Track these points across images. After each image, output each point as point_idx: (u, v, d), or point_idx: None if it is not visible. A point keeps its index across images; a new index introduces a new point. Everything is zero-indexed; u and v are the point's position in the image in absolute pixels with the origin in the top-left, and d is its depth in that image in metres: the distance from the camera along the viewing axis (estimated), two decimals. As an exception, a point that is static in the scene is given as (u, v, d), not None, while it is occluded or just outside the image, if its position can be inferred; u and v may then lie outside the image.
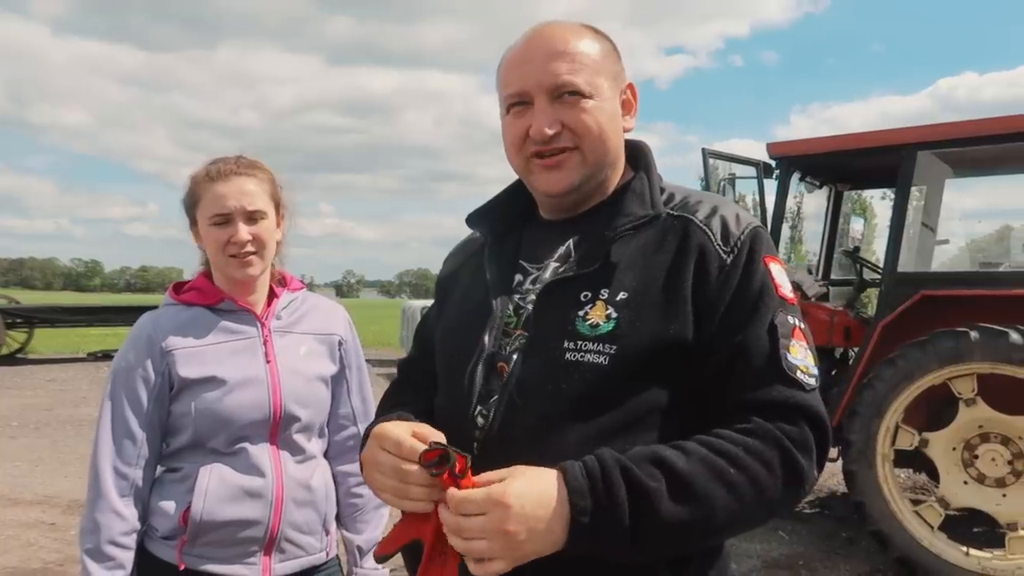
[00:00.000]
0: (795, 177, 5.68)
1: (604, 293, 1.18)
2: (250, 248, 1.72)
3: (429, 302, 1.63)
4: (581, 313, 1.18)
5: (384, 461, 1.14)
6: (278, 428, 1.74)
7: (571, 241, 1.29)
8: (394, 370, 1.60)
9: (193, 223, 1.80)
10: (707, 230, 1.20)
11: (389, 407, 1.38)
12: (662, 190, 1.28)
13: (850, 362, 5.32)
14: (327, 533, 1.85)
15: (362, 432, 1.92)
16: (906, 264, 5.04)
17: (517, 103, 1.25)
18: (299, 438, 1.78)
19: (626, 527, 1.03)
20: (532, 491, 1.03)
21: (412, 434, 1.14)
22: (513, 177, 1.37)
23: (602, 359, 1.14)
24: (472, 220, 1.40)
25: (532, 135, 1.23)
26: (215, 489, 1.67)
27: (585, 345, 1.15)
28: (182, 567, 1.67)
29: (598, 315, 1.17)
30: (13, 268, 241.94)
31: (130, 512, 1.68)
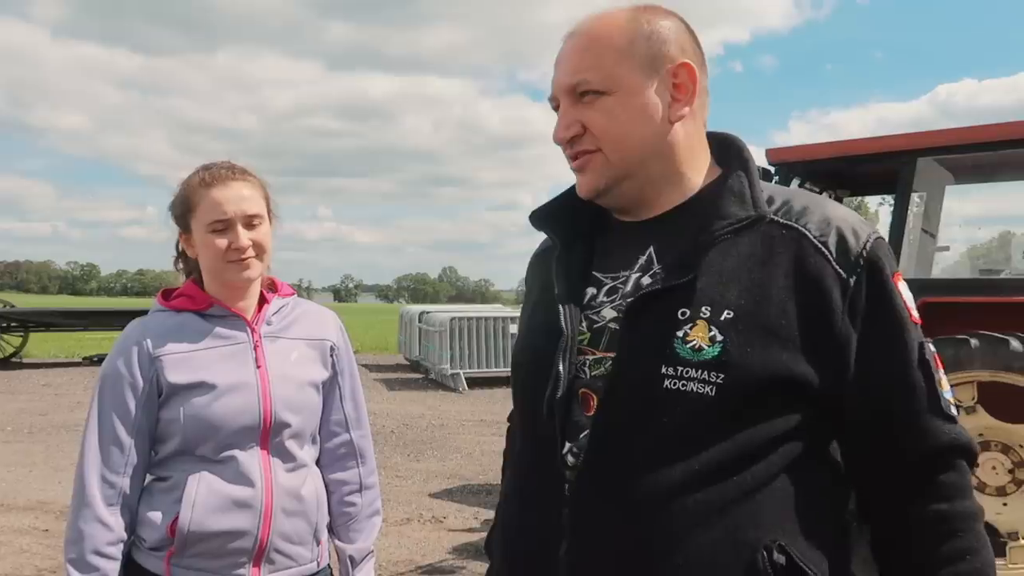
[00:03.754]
0: (794, 183, 5.67)
1: (705, 311, 1.05)
2: (251, 253, 1.70)
3: (427, 307, 1.61)
4: (680, 333, 1.05)
5: None
6: (269, 435, 1.71)
7: (652, 248, 1.16)
8: (392, 375, 1.57)
9: (185, 230, 1.77)
10: (823, 247, 1.08)
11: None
12: (760, 190, 1.14)
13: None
14: (318, 543, 1.81)
15: (354, 439, 1.90)
16: (906, 271, 5.02)
17: (555, 107, 1.20)
18: (290, 445, 1.75)
19: None
20: None
21: None
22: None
23: (708, 388, 1.02)
24: (537, 219, 1.27)
25: (554, 140, 1.19)
26: (203, 499, 1.64)
27: (687, 372, 1.03)
28: None
29: (700, 336, 1.04)
30: (8, 271, 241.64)
31: (116, 521, 1.65)
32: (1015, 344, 4.19)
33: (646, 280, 1.14)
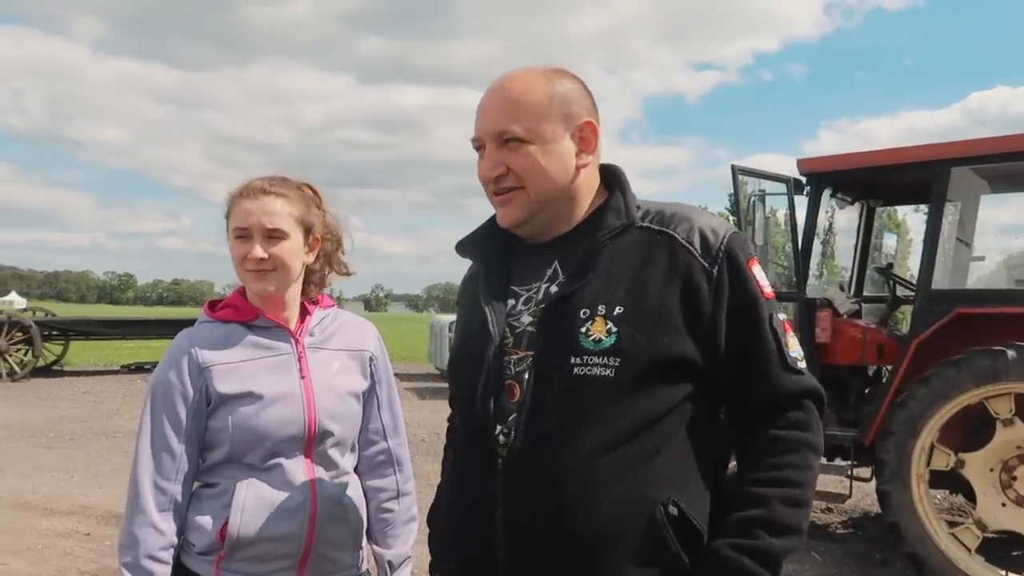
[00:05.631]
0: (826, 193, 5.63)
1: (602, 309, 1.28)
2: (267, 266, 1.74)
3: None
4: (583, 329, 1.27)
5: None
6: (313, 443, 1.75)
7: (557, 262, 1.39)
8: (423, 384, 1.67)
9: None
10: (689, 245, 1.31)
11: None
12: (638, 207, 1.39)
13: (883, 380, 5.24)
14: (359, 548, 1.86)
15: (392, 447, 1.94)
16: (940, 281, 4.97)
17: (477, 147, 1.40)
18: (333, 453, 1.79)
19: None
20: None
21: None
22: None
23: (608, 372, 1.25)
24: (462, 248, 1.51)
25: (479, 177, 1.40)
26: (252, 505, 1.69)
27: (591, 359, 1.26)
28: None
29: (599, 330, 1.27)
30: (49, 281, 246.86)
31: (168, 527, 1.70)
32: (1054, 355, 4.13)
33: (554, 288, 1.36)
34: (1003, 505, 4.45)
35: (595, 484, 1.24)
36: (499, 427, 1.32)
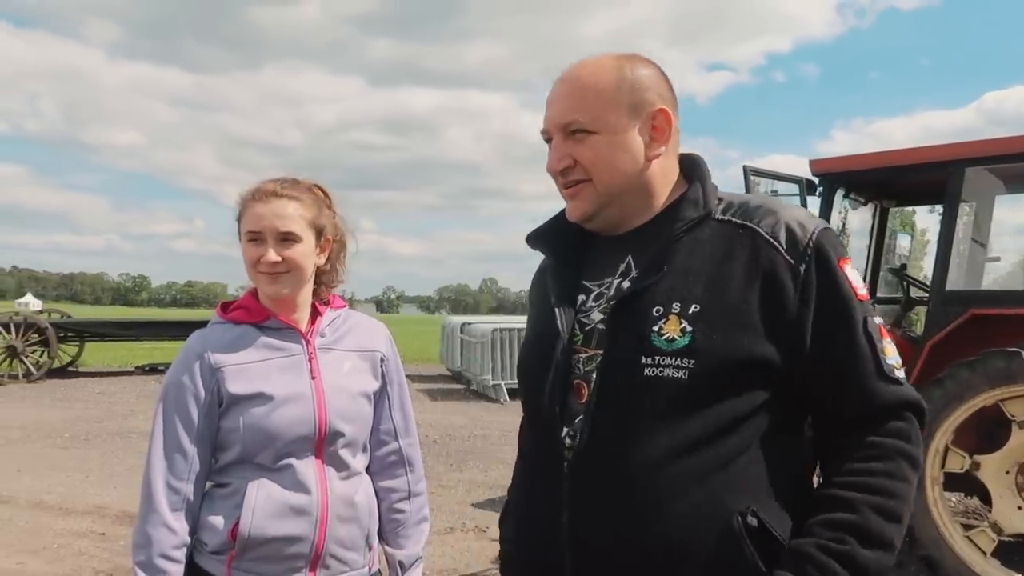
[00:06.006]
0: (839, 194, 5.60)
1: (676, 307, 1.21)
2: (281, 268, 1.75)
3: (469, 318, 1.67)
4: (655, 328, 1.21)
5: None
6: (323, 444, 1.76)
7: (630, 256, 1.33)
8: (434, 386, 1.66)
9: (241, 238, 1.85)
10: (774, 241, 1.22)
11: None
12: (719, 199, 1.31)
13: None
14: (369, 548, 1.86)
15: (403, 447, 1.94)
16: (955, 282, 4.93)
17: (546, 139, 1.35)
18: (344, 454, 1.80)
19: None
20: None
21: None
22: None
23: (681, 373, 1.18)
24: (532, 240, 1.45)
25: (547, 169, 1.35)
26: (263, 505, 1.70)
27: (663, 360, 1.19)
28: None
29: (672, 329, 1.20)
30: (64, 283, 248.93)
31: (180, 526, 1.72)
32: (1070, 357, 4.09)
33: (626, 284, 1.30)
34: (1019, 508, 4.41)
35: (666, 491, 1.17)
36: (566, 428, 1.26)
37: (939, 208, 5.23)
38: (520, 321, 16.58)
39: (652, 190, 1.33)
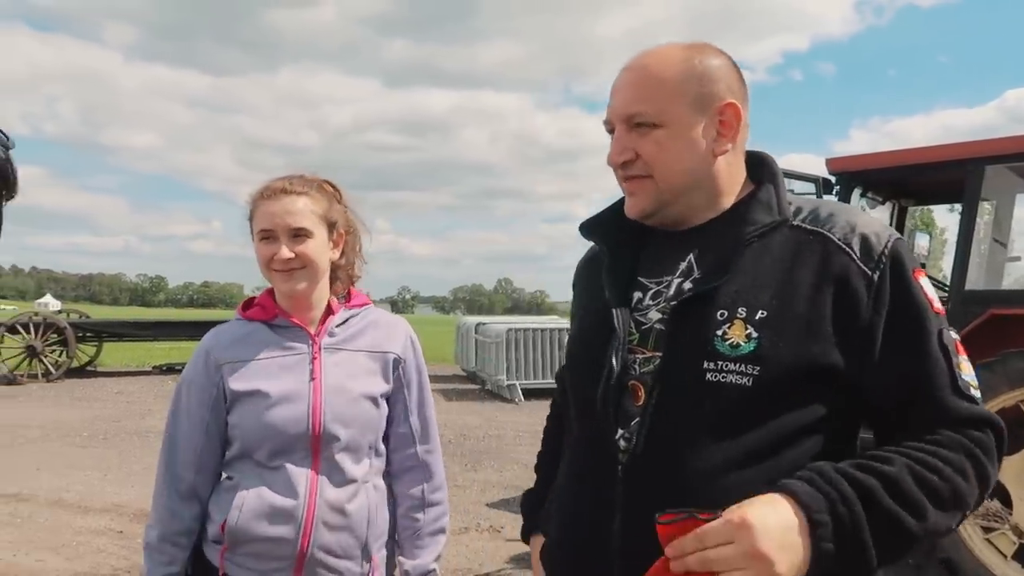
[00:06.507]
0: (856, 192, 5.55)
1: (742, 312, 1.15)
2: (295, 264, 1.74)
3: (484, 318, 1.66)
4: (719, 332, 1.15)
5: None
6: (319, 446, 1.74)
7: (692, 255, 1.27)
8: (449, 386, 1.63)
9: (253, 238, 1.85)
10: (847, 248, 1.17)
11: (544, 470, 1.56)
12: (788, 203, 1.26)
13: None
14: (369, 559, 1.80)
15: (419, 453, 1.88)
16: (975, 281, 4.88)
17: (608, 129, 1.30)
18: (342, 458, 1.76)
19: (862, 521, 1.01)
20: (766, 510, 0.99)
21: None
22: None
23: (746, 380, 1.13)
24: (587, 230, 1.39)
25: (607, 162, 1.29)
26: (251, 504, 1.71)
27: (726, 366, 1.14)
28: (222, 573, 1.74)
29: (737, 334, 1.15)
30: (83, 283, 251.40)
31: (187, 514, 1.76)
32: (1092, 358, 4.04)
33: (687, 284, 1.24)
34: (1040, 510, 4.36)
35: (724, 501, 1.07)
36: (621, 430, 1.21)
37: (959, 207, 5.18)
38: (535, 321, 16.56)
39: (718, 188, 1.27)
